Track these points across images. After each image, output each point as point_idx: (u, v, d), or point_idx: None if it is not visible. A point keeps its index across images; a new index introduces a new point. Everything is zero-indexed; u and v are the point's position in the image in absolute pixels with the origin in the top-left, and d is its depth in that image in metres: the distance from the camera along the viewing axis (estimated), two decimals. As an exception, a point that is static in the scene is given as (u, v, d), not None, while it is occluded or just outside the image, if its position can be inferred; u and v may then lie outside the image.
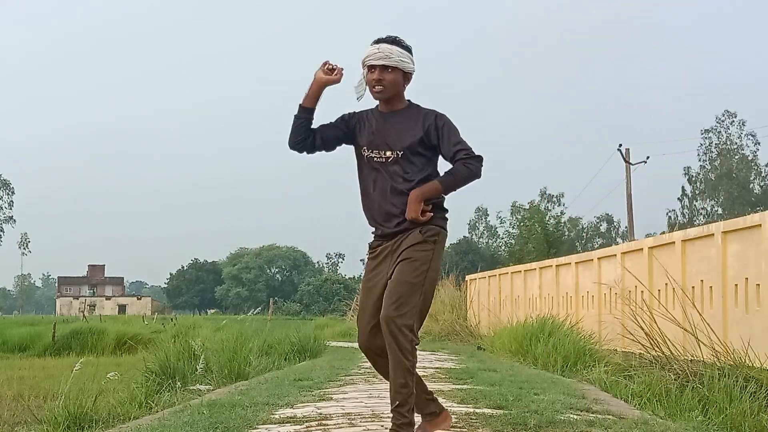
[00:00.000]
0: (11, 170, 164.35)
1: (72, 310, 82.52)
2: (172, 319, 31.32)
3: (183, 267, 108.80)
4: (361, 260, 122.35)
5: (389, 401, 4.14)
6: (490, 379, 8.12)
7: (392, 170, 4.21)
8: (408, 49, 4.26)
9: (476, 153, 4.17)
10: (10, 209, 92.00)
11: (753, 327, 8.21)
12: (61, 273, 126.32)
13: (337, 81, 4.23)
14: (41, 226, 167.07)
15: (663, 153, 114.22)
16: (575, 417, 5.46)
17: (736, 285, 8.72)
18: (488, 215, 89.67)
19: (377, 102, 4.34)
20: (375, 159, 4.24)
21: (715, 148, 66.97)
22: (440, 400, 6.35)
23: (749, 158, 66.34)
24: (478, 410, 5.67)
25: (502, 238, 60.83)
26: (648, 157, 40.77)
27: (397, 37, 4.24)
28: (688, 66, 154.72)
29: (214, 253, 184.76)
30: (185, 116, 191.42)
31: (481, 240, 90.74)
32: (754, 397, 6.82)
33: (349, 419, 5.29)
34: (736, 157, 66.15)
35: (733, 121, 67.23)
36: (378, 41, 4.22)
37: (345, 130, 4.34)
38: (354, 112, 4.38)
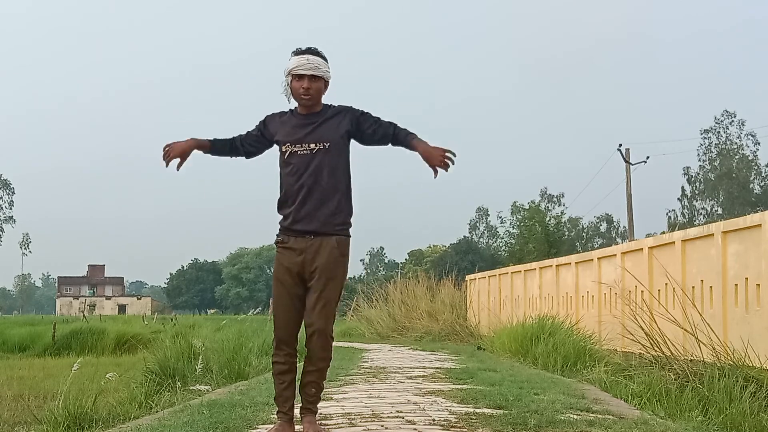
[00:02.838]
0: (12, 170, 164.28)
1: (72, 310, 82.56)
2: (172, 319, 31.32)
3: (183, 267, 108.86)
4: (360, 260, 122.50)
5: (389, 402, 4.18)
6: (490, 379, 8.12)
7: (315, 162, 4.48)
8: (326, 59, 4.59)
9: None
10: (11, 209, 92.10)
11: (753, 327, 8.21)
12: (61, 273, 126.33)
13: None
14: (41, 226, 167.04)
15: (663, 153, 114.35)
16: (575, 417, 5.46)
17: (736, 285, 8.71)
18: (489, 215, 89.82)
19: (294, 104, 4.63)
20: (299, 153, 4.51)
21: (715, 148, 66.93)
22: (440, 399, 6.37)
23: (749, 158, 66.29)
24: (478, 410, 5.67)
25: (503, 238, 60.81)
26: (648, 157, 40.88)
27: (317, 48, 4.58)
28: (688, 66, 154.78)
29: (214, 253, 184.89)
30: (186, 117, 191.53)
31: (481, 240, 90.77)
32: (754, 397, 6.82)
33: (349, 419, 5.29)
34: (736, 157, 66.09)
35: (733, 121, 67.22)
36: (303, 52, 4.52)
37: (264, 133, 4.67)
38: (272, 115, 4.69)
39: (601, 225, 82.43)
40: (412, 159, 4.46)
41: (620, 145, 39.80)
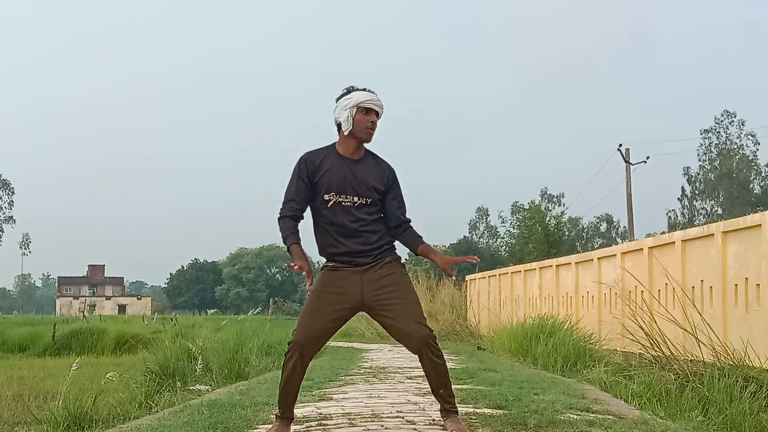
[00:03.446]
0: (12, 170, 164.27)
1: (72, 310, 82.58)
2: (172, 319, 31.31)
3: (183, 267, 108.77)
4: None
5: (389, 402, 4.16)
6: (490, 379, 8.12)
7: (357, 214, 4.54)
8: None
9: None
10: (10, 209, 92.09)
11: (753, 327, 8.21)
12: (61, 273, 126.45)
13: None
14: (41, 226, 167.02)
15: (663, 153, 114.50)
16: (575, 417, 5.46)
17: (736, 285, 8.72)
18: (489, 215, 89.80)
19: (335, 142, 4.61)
20: (342, 203, 4.53)
21: (715, 148, 66.91)
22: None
23: (749, 158, 66.26)
24: (478, 410, 5.67)
25: (503, 238, 60.79)
26: (648, 157, 40.90)
27: None
28: (688, 66, 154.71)
29: (214, 253, 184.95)
30: (186, 117, 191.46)
31: (481, 240, 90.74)
32: (754, 397, 6.82)
33: (349, 419, 5.28)
34: (736, 157, 66.06)
35: (733, 121, 67.17)
36: (366, 90, 4.58)
37: (309, 187, 4.60)
38: (306, 160, 4.59)
39: (601, 225, 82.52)
40: (411, 158, 4.48)
41: (620, 145, 39.87)
